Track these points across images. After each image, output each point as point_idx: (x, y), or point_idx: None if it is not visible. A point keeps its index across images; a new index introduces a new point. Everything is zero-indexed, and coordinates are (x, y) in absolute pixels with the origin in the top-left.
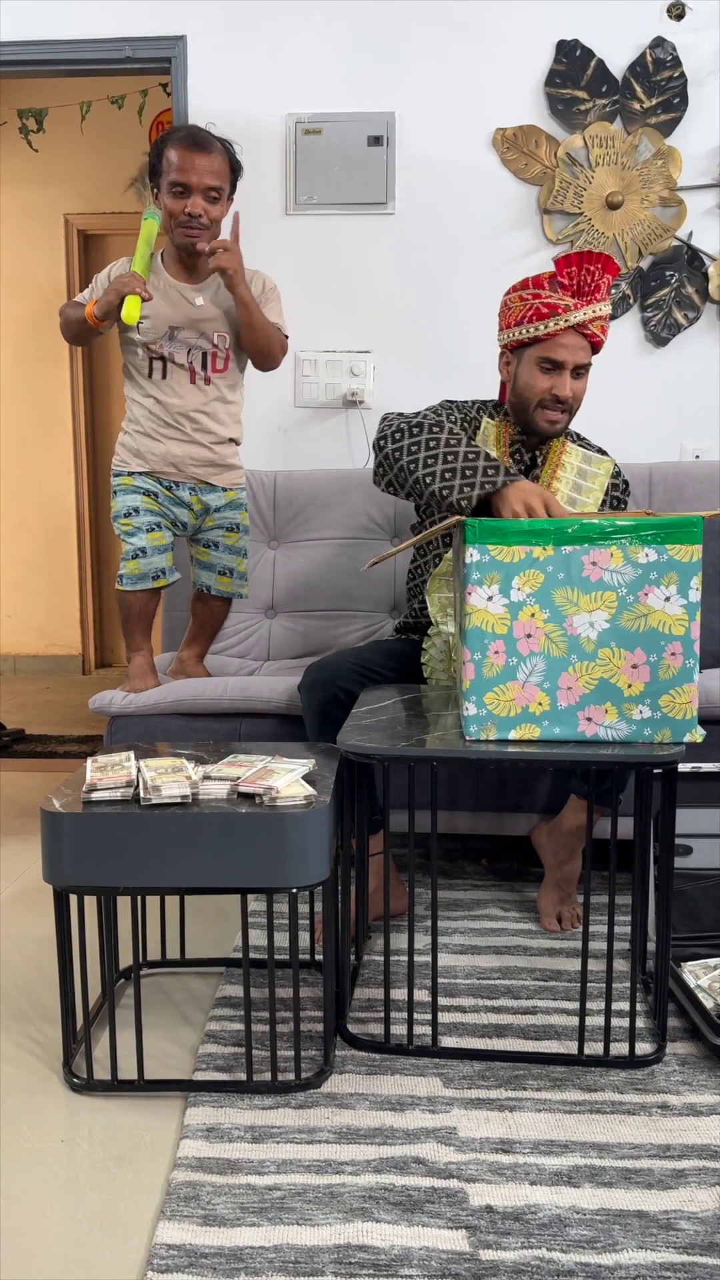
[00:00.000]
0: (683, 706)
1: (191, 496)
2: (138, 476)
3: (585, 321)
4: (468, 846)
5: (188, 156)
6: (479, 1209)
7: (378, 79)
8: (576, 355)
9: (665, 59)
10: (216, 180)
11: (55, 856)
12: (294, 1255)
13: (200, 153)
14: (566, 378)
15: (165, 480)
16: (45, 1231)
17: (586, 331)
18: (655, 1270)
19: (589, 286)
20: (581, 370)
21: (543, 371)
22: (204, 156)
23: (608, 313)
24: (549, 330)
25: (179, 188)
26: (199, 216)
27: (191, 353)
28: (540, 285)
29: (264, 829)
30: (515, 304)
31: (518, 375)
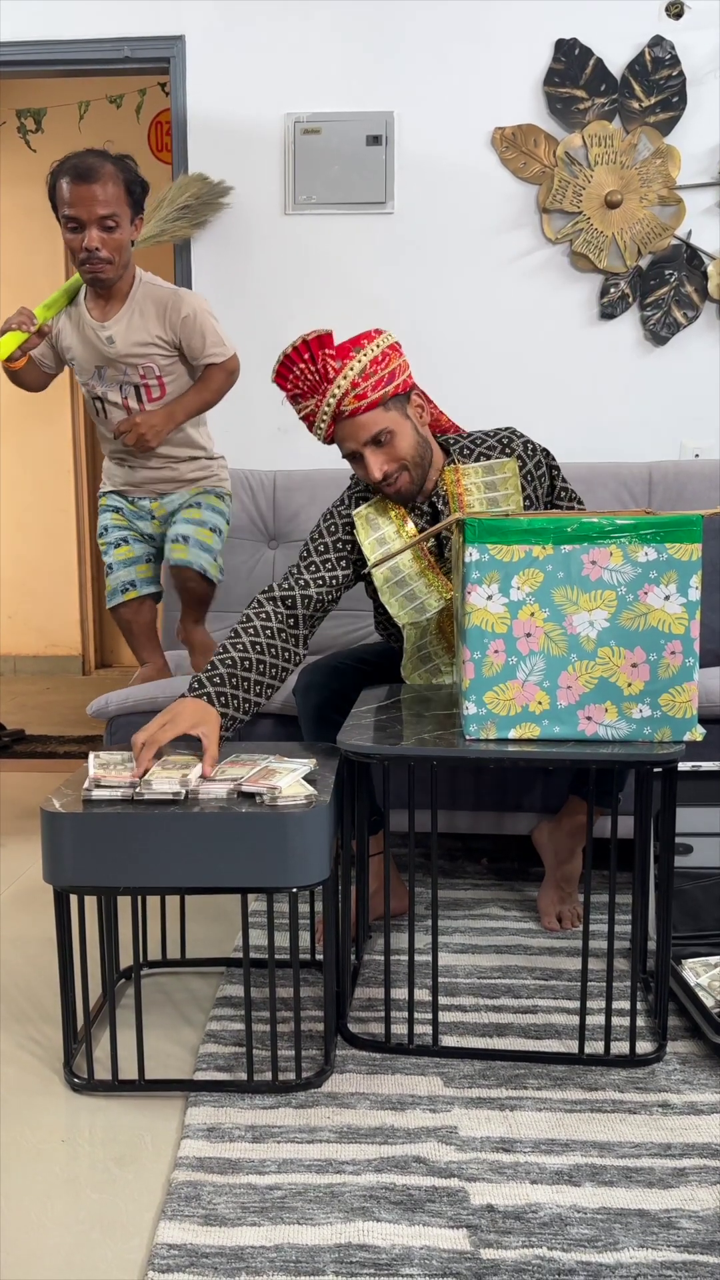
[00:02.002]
0: (683, 705)
1: (152, 504)
2: (109, 495)
3: (336, 408)
4: (468, 846)
5: (75, 190)
6: (480, 1208)
7: (376, 78)
8: (360, 436)
9: (664, 58)
10: (110, 208)
11: (55, 857)
12: (295, 1255)
13: (86, 184)
14: (369, 459)
15: (130, 496)
16: (46, 1232)
17: (348, 413)
18: (656, 1269)
19: (314, 378)
20: (383, 436)
21: (355, 462)
22: (91, 186)
23: (352, 380)
24: (323, 435)
25: (73, 223)
26: (97, 250)
27: (124, 388)
28: (292, 403)
29: (264, 829)
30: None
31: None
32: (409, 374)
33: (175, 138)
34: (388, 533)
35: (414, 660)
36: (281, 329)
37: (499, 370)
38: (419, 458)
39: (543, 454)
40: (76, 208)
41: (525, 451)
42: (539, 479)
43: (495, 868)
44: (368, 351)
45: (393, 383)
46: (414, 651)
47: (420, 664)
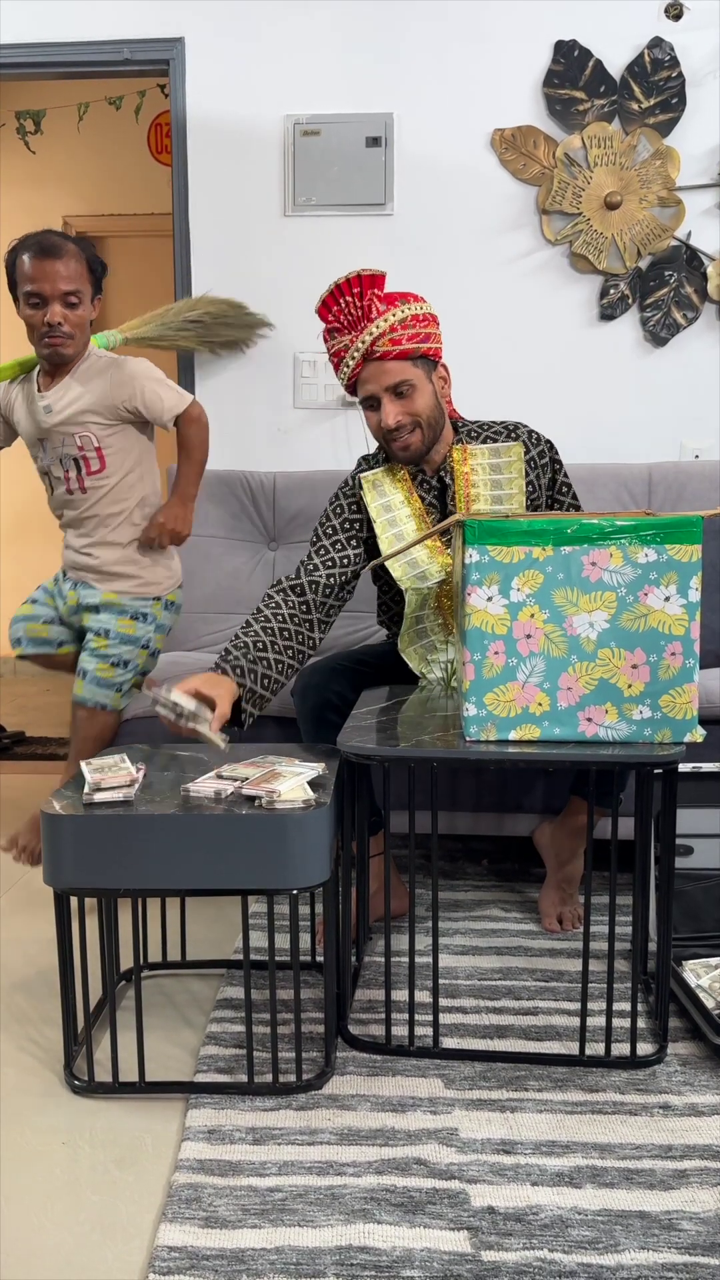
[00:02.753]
0: (683, 706)
1: (69, 590)
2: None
3: (369, 347)
4: (468, 847)
5: (39, 265)
6: (481, 1210)
7: (376, 80)
8: (382, 381)
9: (663, 59)
10: (73, 285)
11: (56, 859)
12: (295, 1257)
13: (51, 259)
14: (387, 406)
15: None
16: (46, 1233)
17: (379, 355)
18: (657, 1271)
19: (356, 314)
20: (403, 388)
21: (370, 410)
22: (56, 263)
23: (392, 323)
24: (349, 375)
25: (35, 298)
26: (59, 325)
27: (64, 461)
28: (325, 339)
29: (264, 831)
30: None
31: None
32: (441, 347)
33: (175, 139)
34: (394, 500)
35: (411, 633)
36: (280, 330)
37: (499, 371)
38: (433, 420)
39: (547, 444)
40: (40, 283)
41: (530, 440)
42: (542, 468)
43: (496, 869)
44: (412, 307)
45: (426, 343)
46: (412, 622)
47: (416, 638)
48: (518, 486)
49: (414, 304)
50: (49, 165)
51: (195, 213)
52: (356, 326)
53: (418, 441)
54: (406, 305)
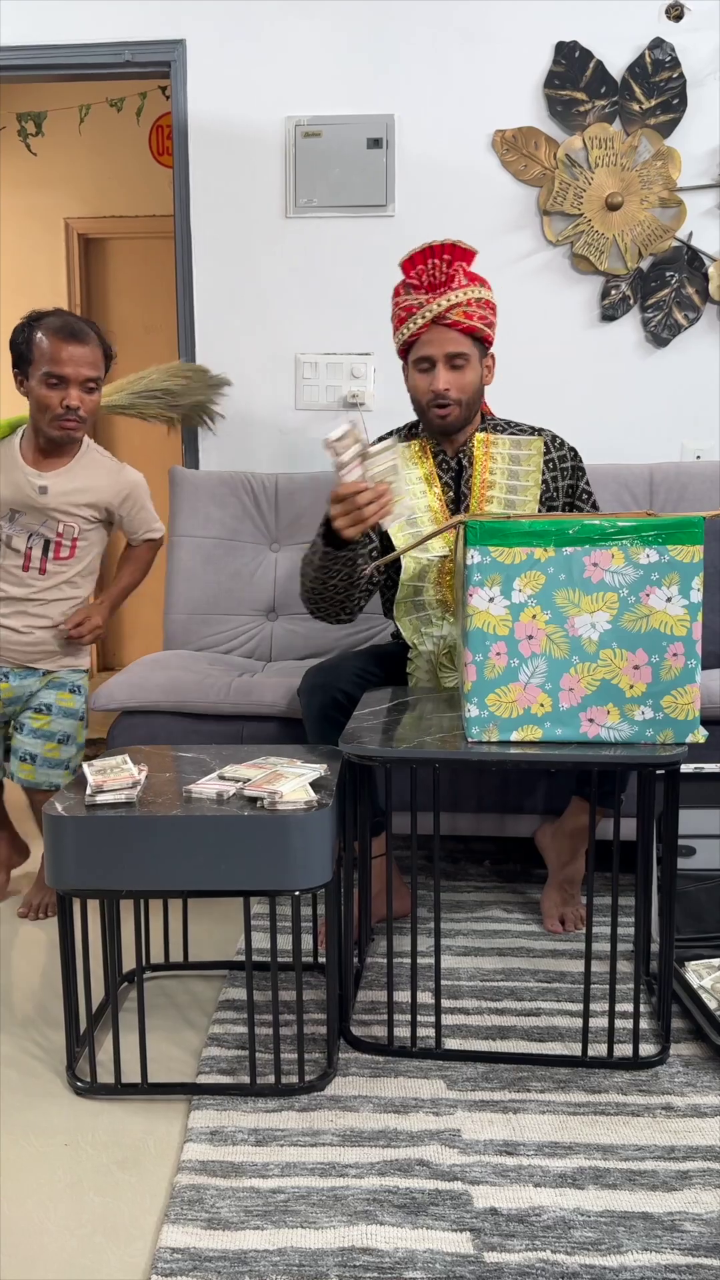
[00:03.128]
0: (685, 707)
1: (2, 684)
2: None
3: (442, 312)
4: (470, 848)
5: (65, 348)
6: (483, 1211)
7: (377, 81)
8: (445, 347)
9: (664, 60)
10: (94, 371)
11: (58, 860)
12: (298, 1258)
13: (77, 344)
14: (440, 371)
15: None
16: (49, 1235)
17: (448, 321)
18: (660, 1272)
19: (440, 279)
20: (459, 360)
21: (421, 372)
22: (81, 348)
23: (469, 298)
24: (412, 331)
25: (55, 379)
26: (77, 409)
27: (32, 538)
28: (398, 293)
29: (266, 832)
30: (391, 318)
31: (407, 382)
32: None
33: (176, 141)
34: (411, 474)
35: (407, 602)
36: (282, 332)
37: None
38: (473, 400)
39: (570, 451)
40: (64, 366)
41: (553, 443)
42: (562, 471)
43: (498, 870)
44: (486, 292)
45: (488, 328)
46: (410, 591)
47: (412, 609)
48: (534, 480)
49: (487, 290)
50: (50, 167)
51: (196, 214)
52: (435, 290)
53: (456, 414)
54: (482, 288)
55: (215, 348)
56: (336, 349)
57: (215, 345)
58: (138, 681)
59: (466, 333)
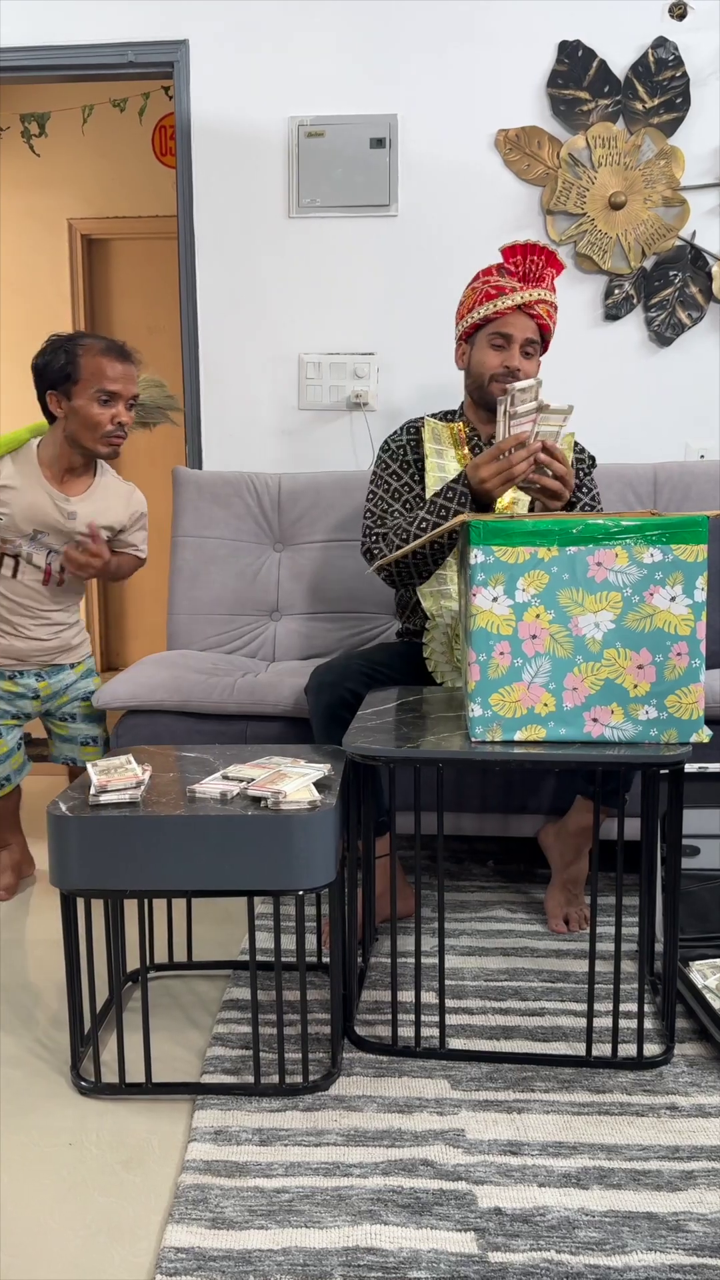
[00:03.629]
0: (689, 706)
1: (39, 683)
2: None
3: (531, 302)
4: (474, 848)
5: (121, 368)
6: (487, 1211)
7: (380, 81)
8: (525, 332)
9: (667, 59)
10: (136, 389)
11: (62, 860)
12: (302, 1258)
13: (128, 363)
14: (516, 350)
15: (7, 671)
16: (53, 1235)
17: (533, 313)
18: (665, 1272)
19: (534, 274)
20: (530, 349)
21: (494, 348)
22: (130, 367)
23: (553, 300)
24: (497, 309)
25: (106, 396)
26: (124, 425)
27: (51, 555)
28: (489, 273)
29: (270, 832)
30: (468, 296)
31: (472, 359)
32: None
33: (179, 142)
34: (446, 451)
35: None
36: (285, 332)
37: None
38: None
39: (590, 458)
40: (119, 384)
41: (575, 450)
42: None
43: (501, 870)
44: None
45: (552, 334)
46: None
47: (433, 580)
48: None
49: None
50: (53, 168)
51: (199, 215)
52: (527, 281)
53: None
54: (556, 297)
55: (218, 348)
56: (340, 349)
57: (218, 345)
58: (141, 681)
59: (542, 329)
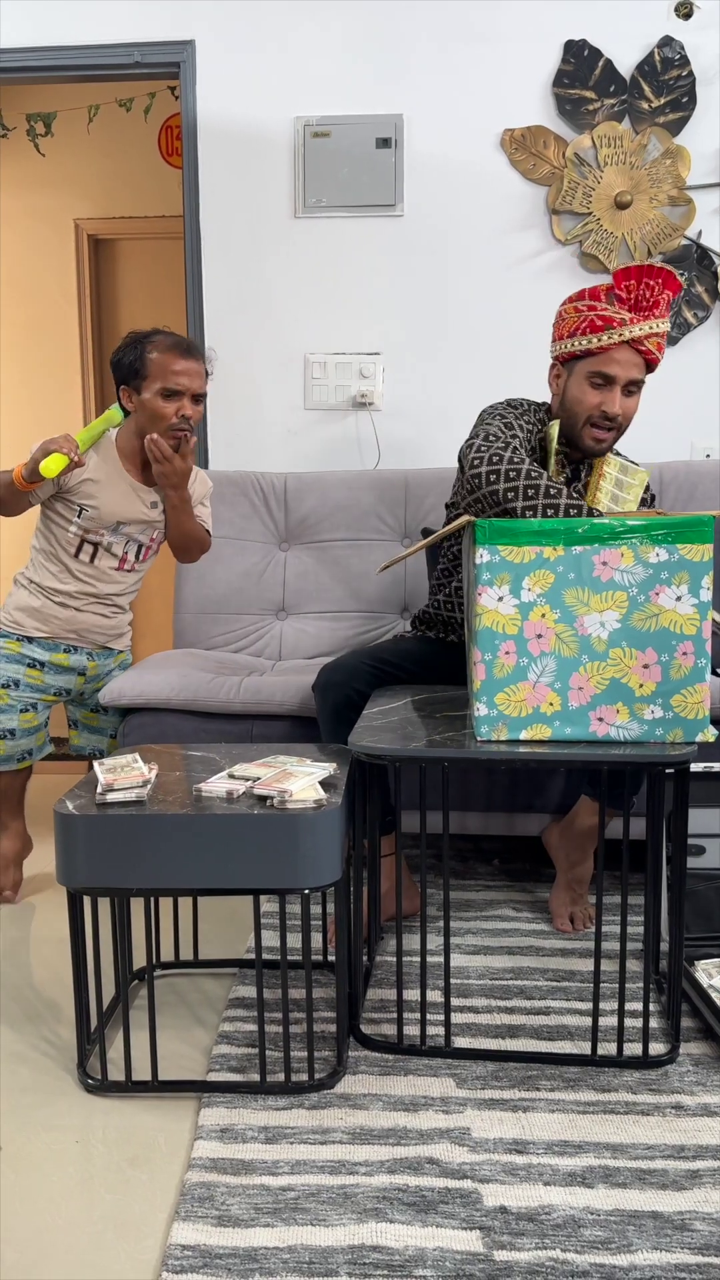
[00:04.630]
0: (694, 706)
1: (89, 662)
2: (29, 643)
3: (641, 337)
4: (479, 847)
5: (187, 363)
6: (493, 1209)
7: (385, 81)
8: (629, 371)
9: (673, 58)
10: (202, 385)
11: (69, 858)
12: (308, 1256)
13: (194, 360)
14: (617, 394)
15: (62, 644)
16: (59, 1232)
17: (642, 348)
18: (670, 1271)
19: (647, 301)
20: (634, 388)
21: (593, 387)
22: (196, 363)
23: (666, 329)
24: (602, 344)
25: (170, 392)
26: (189, 419)
27: (129, 544)
28: (596, 297)
29: (276, 830)
30: (570, 315)
31: (568, 389)
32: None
33: (185, 142)
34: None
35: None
36: (291, 332)
37: (510, 371)
38: (625, 428)
39: (653, 496)
40: (184, 379)
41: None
42: (645, 502)
43: (507, 869)
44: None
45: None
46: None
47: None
48: (631, 507)
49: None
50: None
51: (206, 215)
52: (639, 310)
53: (611, 440)
54: (668, 322)
55: (224, 347)
56: (345, 349)
57: (224, 345)
58: (148, 679)
59: (650, 364)
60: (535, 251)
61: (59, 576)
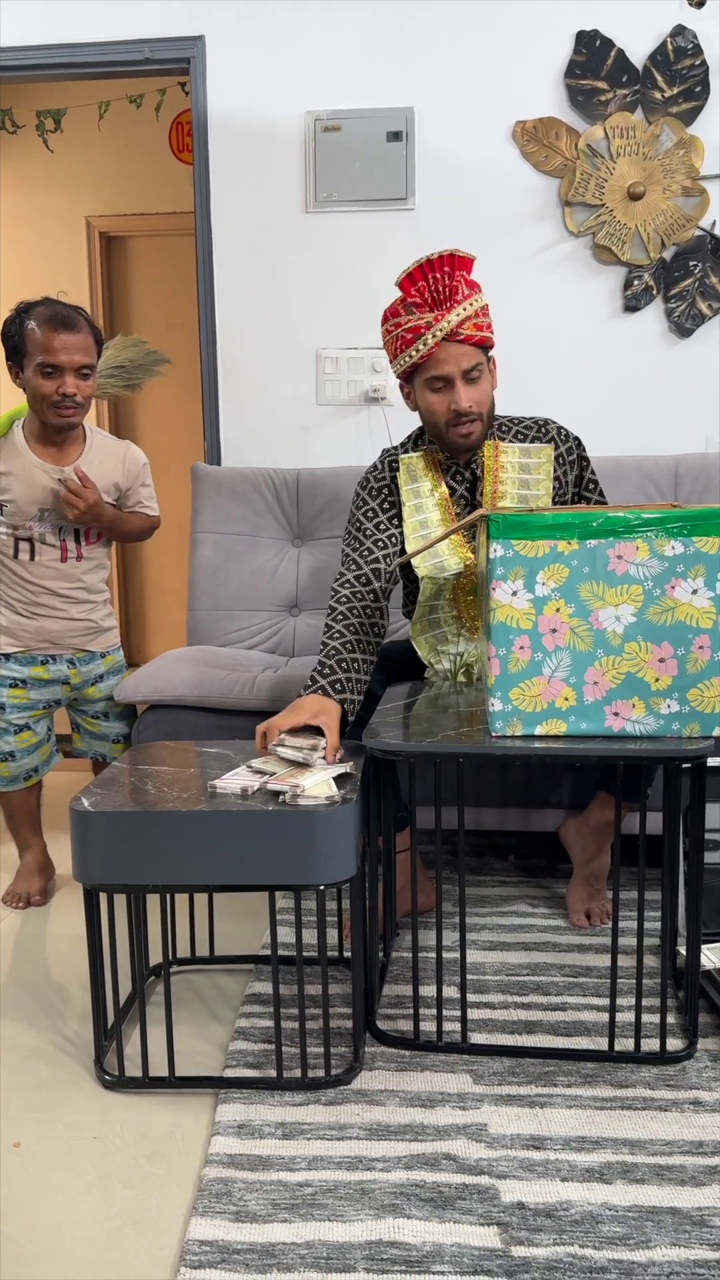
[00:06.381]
0: (711, 700)
1: (70, 670)
2: (5, 661)
3: (453, 329)
4: (495, 843)
5: (57, 337)
6: (510, 1205)
7: (396, 74)
8: (460, 363)
9: (686, 47)
10: (87, 358)
11: (85, 855)
12: (326, 1251)
13: (69, 332)
14: (459, 389)
15: (40, 656)
16: (79, 1228)
17: (460, 337)
18: (689, 1267)
19: (443, 293)
20: (473, 374)
21: (435, 392)
22: (73, 335)
23: (476, 308)
24: (421, 353)
25: (49, 369)
26: (73, 395)
27: (63, 531)
28: (396, 314)
29: (291, 827)
30: (387, 339)
31: (419, 403)
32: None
33: (196, 138)
34: (423, 486)
35: (423, 622)
36: (303, 327)
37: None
38: (491, 410)
39: (575, 442)
40: (57, 354)
41: (559, 436)
42: (570, 464)
43: (522, 864)
44: (483, 296)
45: (491, 334)
46: (425, 611)
47: (428, 627)
48: (545, 488)
49: (482, 294)
50: (70, 166)
51: (217, 210)
52: (440, 305)
53: (479, 429)
54: (480, 294)
55: (236, 343)
56: (357, 344)
57: (236, 341)
58: (162, 677)
59: (478, 344)
60: (548, 244)
61: (11, 584)
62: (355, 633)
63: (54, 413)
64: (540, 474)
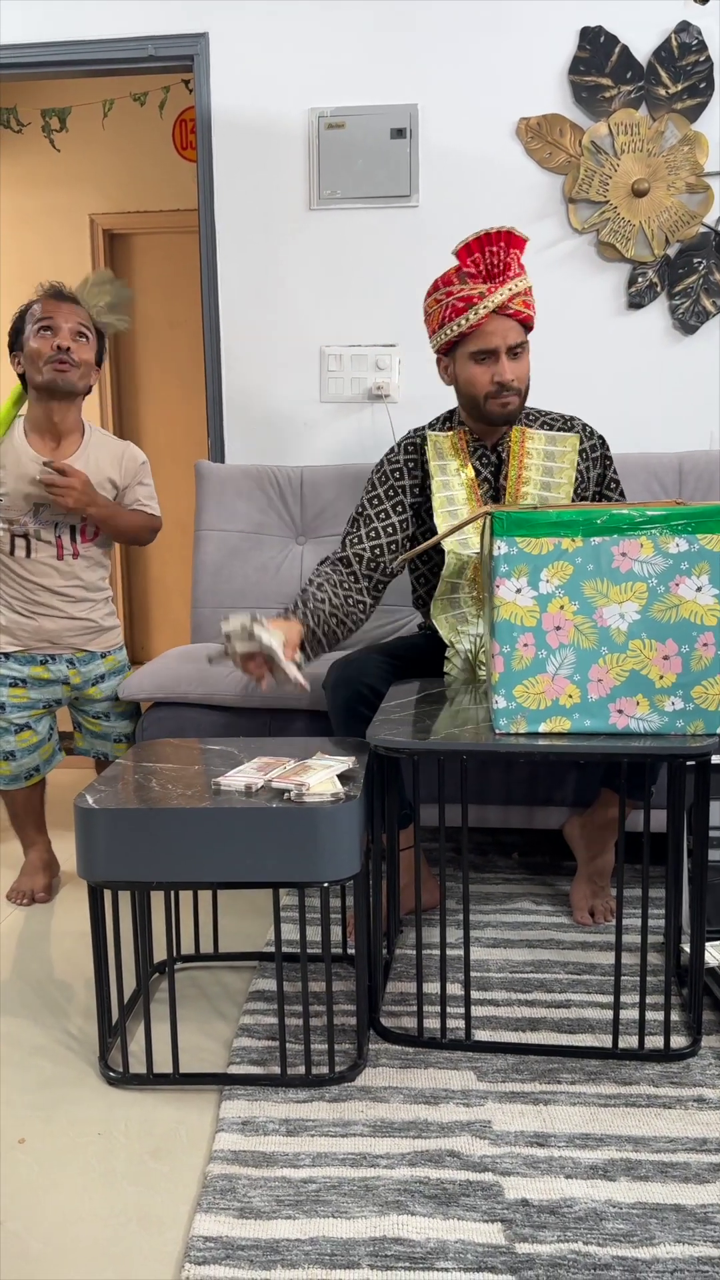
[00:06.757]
0: (715, 697)
1: (69, 670)
2: (5, 661)
3: (505, 301)
4: (499, 840)
5: (52, 304)
6: (514, 1202)
7: (399, 71)
8: (507, 338)
9: (690, 43)
10: (84, 324)
11: (89, 852)
12: (330, 1248)
13: (65, 301)
14: (504, 361)
15: (39, 656)
16: (83, 1224)
17: (509, 311)
18: (693, 1264)
19: (498, 267)
20: (517, 350)
21: (478, 364)
22: (69, 304)
23: (525, 287)
24: (471, 322)
25: (46, 327)
26: (67, 349)
27: (59, 527)
28: (449, 282)
29: (295, 824)
30: (434, 308)
31: (458, 376)
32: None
33: (200, 135)
34: (450, 464)
35: (444, 600)
36: (307, 324)
37: None
38: (528, 389)
39: (600, 440)
40: (57, 317)
41: (585, 432)
42: (593, 460)
43: (526, 862)
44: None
45: (534, 315)
46: (447, 589)
47: (449, 606)
48: (567, 477)
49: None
50: (74, 163)
51: (220, 208)
52: (493, 278)
53: (517, 404)
54: (528, 277)
55: (240, 341)
56: (361, 341)
57: (240, 338)
58: (166, 674)
59: (524, 322)
60: (552, 241)
61: (8, 583)
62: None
63: (51, 368)
64: (564, 463)
